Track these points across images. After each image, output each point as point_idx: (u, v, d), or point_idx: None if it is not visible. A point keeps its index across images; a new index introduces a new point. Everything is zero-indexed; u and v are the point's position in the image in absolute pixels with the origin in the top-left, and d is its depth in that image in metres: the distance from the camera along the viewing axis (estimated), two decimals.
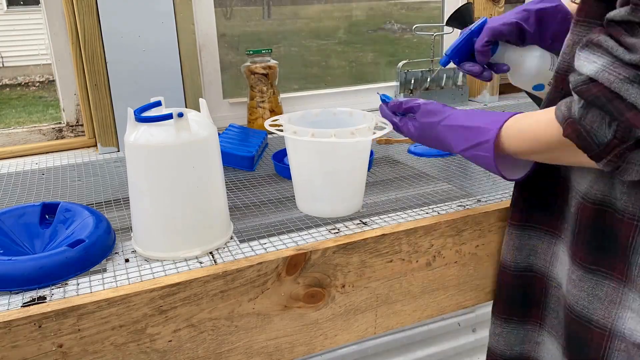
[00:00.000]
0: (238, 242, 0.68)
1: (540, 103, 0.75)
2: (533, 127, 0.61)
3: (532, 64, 0.76)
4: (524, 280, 0.73)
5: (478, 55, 0.75)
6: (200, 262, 0.63)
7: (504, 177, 0.67)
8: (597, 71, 0.50)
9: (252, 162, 0.96)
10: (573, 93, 0.53)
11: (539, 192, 0.69)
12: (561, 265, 0.68)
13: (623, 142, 0.50)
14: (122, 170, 1.00)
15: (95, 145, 1.14)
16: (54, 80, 1.20)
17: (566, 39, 0.61)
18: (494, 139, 0.64)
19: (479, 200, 0.79)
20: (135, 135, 0.62)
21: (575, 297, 0.63)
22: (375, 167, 0.97)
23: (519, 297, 0.74)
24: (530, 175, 0.68)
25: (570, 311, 0.64)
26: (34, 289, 0.58)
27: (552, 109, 0.57)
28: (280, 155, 0.99)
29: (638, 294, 0.58)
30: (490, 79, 0.78)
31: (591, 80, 0.50)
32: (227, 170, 0.97)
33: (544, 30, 0.74)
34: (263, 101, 1.24)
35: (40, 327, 0.53)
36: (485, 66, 0.77)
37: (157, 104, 0.69)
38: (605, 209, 0.60)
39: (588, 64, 0.51)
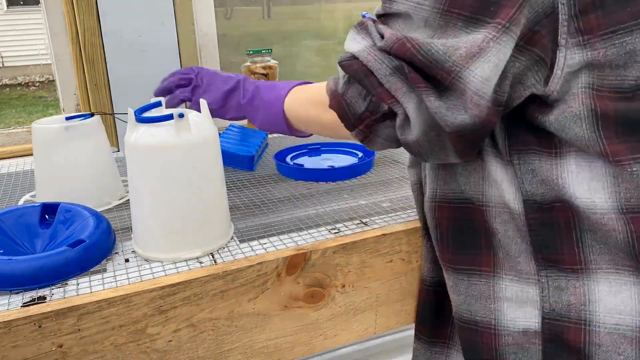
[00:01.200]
0: (238, 242, 0.68)
1: None
2: (314, 94, 0.71)
3: None
4: (437, 296, 0.69)
5: None
6: (200, 262, 0.63)
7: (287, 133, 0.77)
8: (359, 50, 0.56)
9: (252, 162, 0.96)
10: (338, 68, 0.59)
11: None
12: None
13: (373, 114, 0.57)
14: (123, 171, 1.00)
15: None
16: (54, 80, 1.20)
17: None
18: (283, 100, 0.76)
19: None
20: (135, 135, 0.62)
21: (457, 303, 0.62)
22: (375, 167, 0.97)
23: (429, 317, 0.71)
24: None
25: (458, 319, 0.63)
26: (34, 289, 0.58)
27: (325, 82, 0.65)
28: (282, 155, 1.00)
29: (508, 278, 0.58)
30: None
31: (354, 57, 0.56)
32: (227, 170, 0.97)
33: None
34: None
35: (40, 327, 0.53)
36: None
37: (157, 104, 0.69)
38: (457, 205, 0.61)
39: (354, 43, 0.57)
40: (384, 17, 0.56)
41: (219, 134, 0.86)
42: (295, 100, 0.75)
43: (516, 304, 0.58)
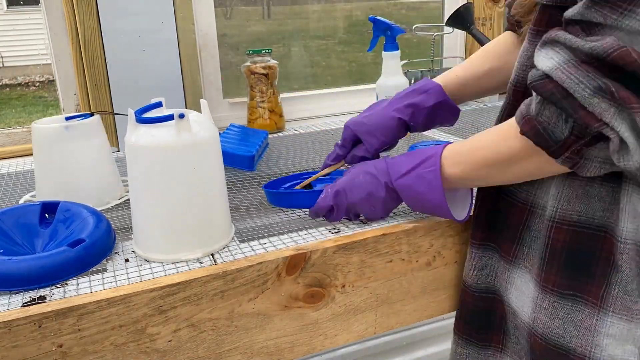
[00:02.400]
0: (238, 242, 0.68)
1: None
2: (487, 140, 0.60)
3: None
4: (485, 303, 0.69)
5: None
6: (200, 262, 0.63)
7: (447, 213, 0.64)
8: (551, 68, 0.49)
9: (253, 161, 0.96)
10: (531, 90, 0.53)
11: (498, 213, 0.66)
12: (517, 292, 0.65)
13: (580, 139, 0.50)
14: (123, 171, 1.00)
15: None
16: (54, 80, 1.20)
17: (522, 49, 0.60)
18: (440, 153, 0.63)
19: None
20: (136, 136, 0.62)
21: (547, 325, 0.60)
22: None
23: (478, 320, 0.70)
24: (491, 196, 0.66)
25: (542, 340, 0.61)
26: (34, 289, 0.58)
27: (506, 122, 0.58)
28: (275, 185, 0.87)
29: (618, 316, 0.56)
30: None
31: (547, 76, 0.50)
32: (227, 170, 0.97)
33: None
34: (263, 101, 1.24)
35: (40, 327, 0.53)
36: None
37: (158, 104, 0.69)
38: (581, 229, 0.57)
39: (546, 60, 0.50)
40: (585, 23, 0.49)
41: (219, 134, 0.86)
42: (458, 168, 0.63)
43: (618, 342, 0.56)
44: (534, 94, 0.53)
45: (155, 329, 0.58)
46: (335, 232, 0.69)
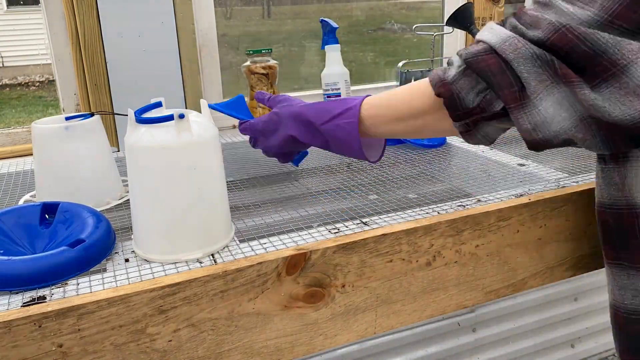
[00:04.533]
0: (238, 242, 0.68)
1: None
2: (403, 94, 0.65)
3: None
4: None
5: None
6: (200, 262, 0.63)
7: (361, 155, 0.68)
8: (499, 41, 0.54)
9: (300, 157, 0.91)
10: (456, 59, 0.58)
11: (615, 227, 0.64)
12: None
13: (482, 112, 0.57)
14: (122, 171, 1.00)
15: None
16: (54, 80, 1.20)
17: None
18: (359, 105, 0.67)
19: (479, 200, 0.79)
20: (135, 136, 0.62)
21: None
22: (375, 167, 0.97)
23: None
24: (606, 208, 0.65)
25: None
26: (34, 289, 0.58)
27: (421, 81, 0.63)
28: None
29: None
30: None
31: (489, 51, 0.54)
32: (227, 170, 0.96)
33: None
34: None
35: (40, 327, 0.53)
36: None
37: (158, 104, 0.69)
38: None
39: (490, 34, 0.55)
40: (542, 5, 0.53)
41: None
42: (374, 108, 0.68)
43: None
44: (456, 63, 0.58)
45: (155, 329, 0.58)
46: (335, 232, 0.69)
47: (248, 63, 1.23)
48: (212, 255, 0.65)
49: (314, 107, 0.72)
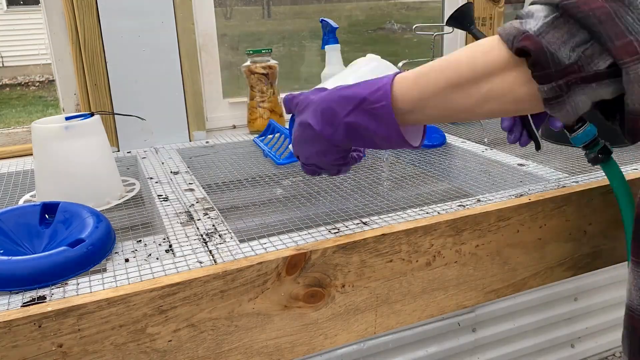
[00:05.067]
0: (238, 242, 0.68)
1: None
2: (458, 55, 0.52)
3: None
4: None
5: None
6: (200, 262, 0.63)
7: (401, 140, 0.55)
8: None
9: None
10: (540, 7, 0.47)
11: None
12: None
13: (581, 71, 0.45)
14: (123, 171, 1.00)
15: None
16: (54, 80, 1.20)
17: None
18: (390, 82, 0.54)
19: (479, 200, 0.79)
20: None
21: None
22: (374, 167, 0.97)
23: None
24: None
25: None
26: (34, 289, 0.58)
27: (484, 40, 0.51)
28: None
29: None
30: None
31: None
32: (226, 170, 0.96)
33: None
34: (263, 101, 1.24)
35: (40, 327, 0.53)
36: None
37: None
38: None
39: None
40: None
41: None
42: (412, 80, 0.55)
43: None
44: (541, 13, 0.47)
45: (155, 329, 0.58)
46: (335, 232, 0.69)
47: (248, 63, 1.23)
48: (211, 253, 0.65)
49: (329, 96, 0.58)
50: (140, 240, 0.70)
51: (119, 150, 1.13)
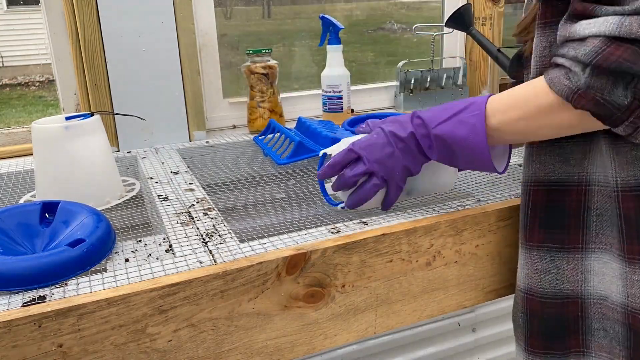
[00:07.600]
0: (238, 242, 0.68)
1: None
2: (528, 91, 0.59)
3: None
4: (556, 309, 0.66)
5: None
6: (200, 262, 0.63)
7: (489, 161, 0.62)
8: (615, 28, 0.48)
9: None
10: (574, 65, 0.52)
11: (554, 208, 0.65)
12: (598, 277, 0.63)
13: None
14: (123, 170, 1.00)
15: None
16: (54, 80, 1.20)
17: (535, 44, 0.60)
18: (485, 100, 0.61)
19: (478, 200, 0.79)
20: None
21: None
22: None
23: (552, 330, 0.67)
24: (540, 192, 0.65)
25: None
26: (34, 288, 0.58)
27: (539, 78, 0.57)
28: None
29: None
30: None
31: (609, 41, 0.49)
32: (226, 170, 0.96)
33: None
34: (263, 101, 1.24)
35: (40, 326, 0.53)
36: None
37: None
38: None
39: (594, 25, 0.50)
40: None
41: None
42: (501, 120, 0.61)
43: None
44: (577, 68, 0.52)
45: (155, 329, 0.58)
46: (335, 232, 0.69)
47: (248, 63, 1.23)
48: (211, 253, 0.65)
49: (428, 111, 0.65)
50: (140, 240, 0.70)
51: (119, 150, 1.13)
